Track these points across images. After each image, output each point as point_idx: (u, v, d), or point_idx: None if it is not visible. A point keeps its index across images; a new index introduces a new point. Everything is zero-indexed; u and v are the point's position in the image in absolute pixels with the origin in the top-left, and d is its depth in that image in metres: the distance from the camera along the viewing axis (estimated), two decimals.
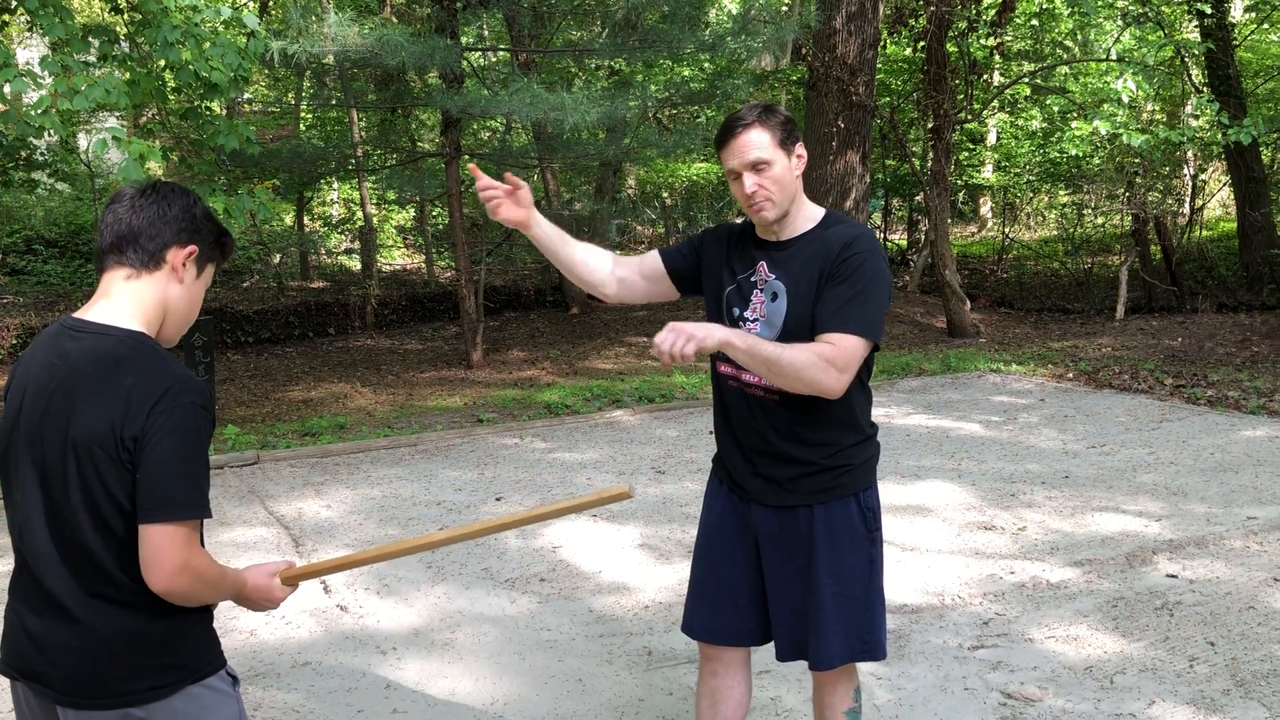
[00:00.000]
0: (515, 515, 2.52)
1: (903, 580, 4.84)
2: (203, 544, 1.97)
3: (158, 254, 2.00)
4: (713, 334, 2.42)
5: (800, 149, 2.63)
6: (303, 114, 17.25)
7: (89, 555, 1.91)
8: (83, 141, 16.73)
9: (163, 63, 6.84)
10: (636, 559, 5.22)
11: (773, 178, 2.58)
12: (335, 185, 18.25)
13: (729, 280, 2.76)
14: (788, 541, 2.69)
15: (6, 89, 5.60)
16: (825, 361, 2.47)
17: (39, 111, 5.58)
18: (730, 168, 2.62)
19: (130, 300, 1.99)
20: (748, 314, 2.68)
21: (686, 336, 2.37)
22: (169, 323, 2.05)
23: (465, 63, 11.40)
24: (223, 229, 2.12)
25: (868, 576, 2.69)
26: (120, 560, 1.91)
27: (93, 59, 6.83)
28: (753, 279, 2.70)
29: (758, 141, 2.57)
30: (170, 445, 1.86)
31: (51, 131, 5.73)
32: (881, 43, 14.25)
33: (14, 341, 11.51)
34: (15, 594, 2.03)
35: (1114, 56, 12.83)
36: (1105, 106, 11.82)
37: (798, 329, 2.59)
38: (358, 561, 2.42)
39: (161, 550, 1.85)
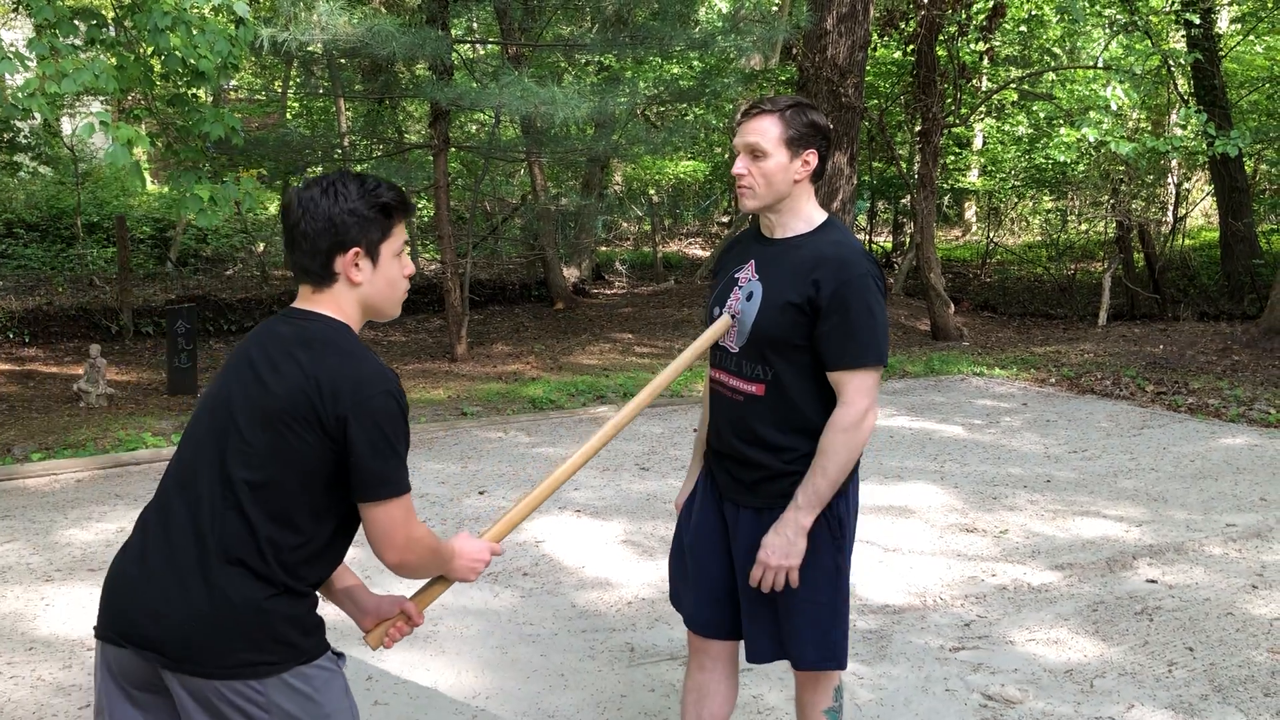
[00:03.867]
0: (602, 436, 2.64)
1: (885, 581, 4.86)
2: None
3: (327, 268, 2.09)
4: (795, 547, 2.58)
5: (810, 155, 2.60)
6: (290, 102, 17.17)
7: (246, 523, 1.97)
8: (66, 126, 16.61)
9: (151, 49, 6.79)
10: (620, 555, 5.22)
11: (763, 169, 2.58)
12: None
13: (723, 276, 2.76)
14: (753, 545, 2.69)
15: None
16: (850, 426, 2.53)
17: (26, 94, 5.53)
18: (735, 144, 2.64)
19: (323, 307, 2.11)
20: (726, 310, 2.69)
21: (785, 569, 2.58)
22: (375, 310, 2.16)
23: (455, 55, 11.36)
24: (381, 200, 2.11)
25: (833, 585, 2.66)
26: (272, 533, 1.98)
27: (80, 42, 6.77)
28: (737, 275, 2.71)
29: (764, 130, 2.57)
30: (380, 430, 1.98)
31: (37, 114, 5.68)
32: (872, 45, 14.28)
33: None
34: (131, 560, 2.04)
35: (1102, 64, 12.89)
36: (1092, 114, 11.87)
37: (759, 337, 2.60)
38: (542, 497, 2.50)
39: (391, 526, 2.01)
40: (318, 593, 2.15)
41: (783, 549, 2.56)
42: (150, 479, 6.52)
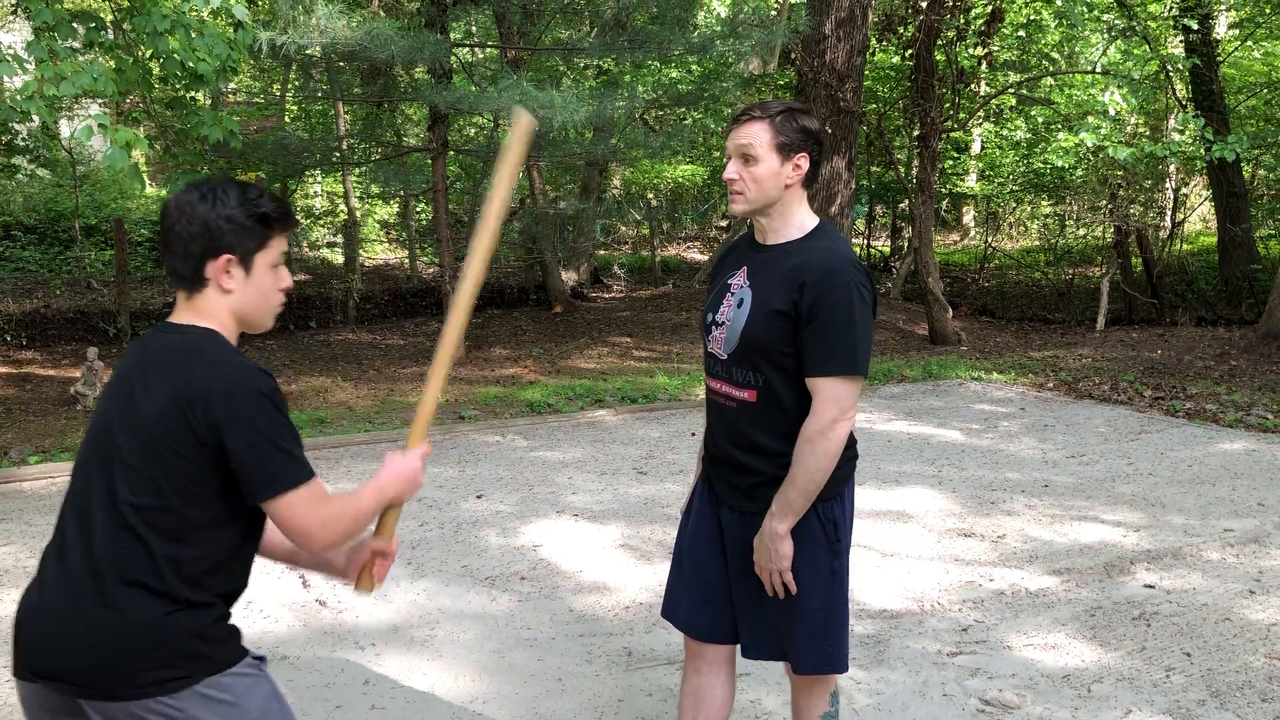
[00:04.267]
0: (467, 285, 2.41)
1: (882, 586, 4.86)
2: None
3: (198, 273, 2.08)
4: (776, 552, 2.60)
5: (801, 160, 2.60)
6: (288, 106, 17.16)
7: (142, 544, 1.97)
8: (64, 128, 16.60)
9: (149, 52, 6.79)
10: (617, 559, 5.22)
11: (754, 174, 2.59)
12: (319, 178, 18.17)
13: (718, 281, 2.77)
14: (746, 546, 2.69)
15: None
16: (814, 435, 2.53)
17: (24, 97, 5.53)
18: (727, 148, 2.66)
19: (195, 315, 2.10)
20: (718, 317, 2.70)
21: (774, 571, 2.61)
22: (246, 320, 2.15)
23: (454, 58, 11.37)
24: (260, 210, 2.09)
25: (829, 588, 2.67)
26: (169, 550, 1.98)
27: (78, 45, 6.77)
28: (730, 282, 2.71)
29: (755, 134, 2.59)
30: (256, 429, 1.98)
31: (36, 117, 5.67)
32: (870, 50, 14.30)
33: None
34: (33, 595, 2.05)
35: (1100, 69, 12.91)
36: (1090, 119, 11.89)
37: (748, 344, 2.60)
38: (439, 379, 2.38)
39: (297, 517, 2.00)
40: (302, 568, 2.20)
41: (765, 555, 2.60)
42: None
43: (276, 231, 2.12)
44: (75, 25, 6.58)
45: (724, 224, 24.07)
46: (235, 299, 2.10)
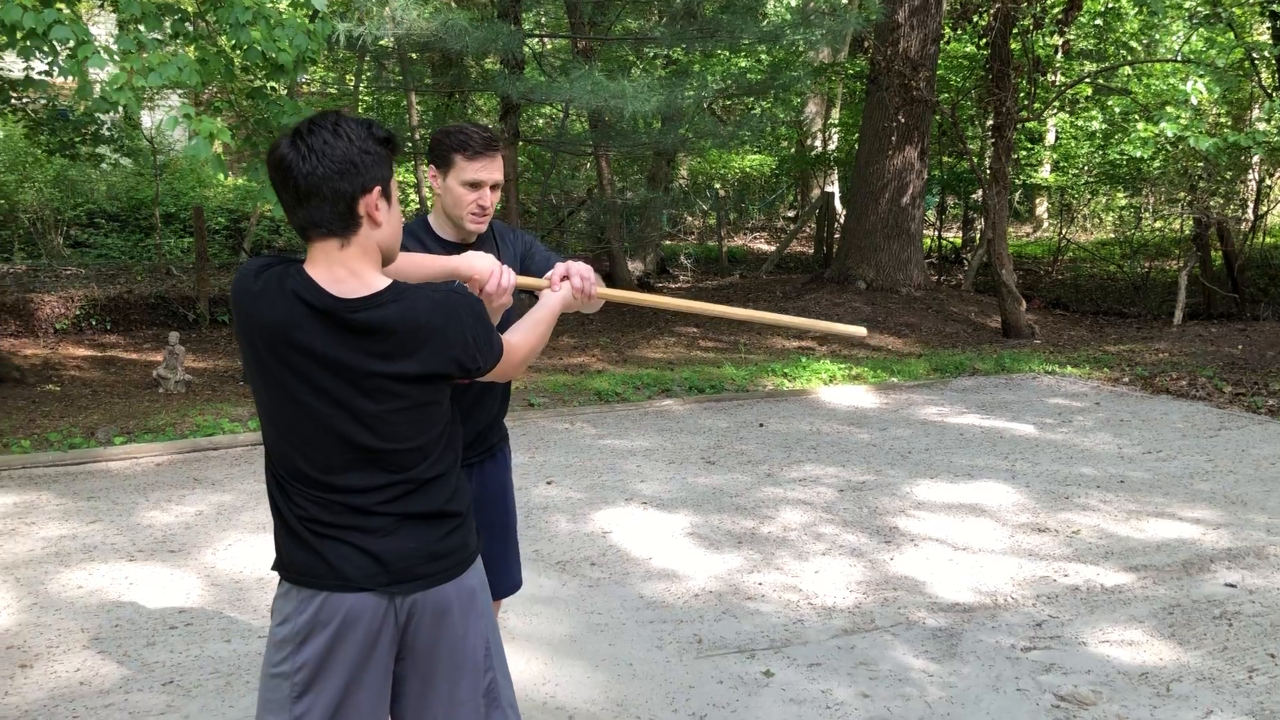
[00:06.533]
0: (764, 315, 2.87)
1: (955, 579, 4.82)
2: None
3: (351, 213, 2.03)
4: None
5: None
6: (361, 96, 17.39)
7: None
8: (145, 119, 17.00)
9: (231, 42, 6.92)
10: (686, 547, 5.24)
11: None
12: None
13: None
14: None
15: (87, 67, 5.70)
16: None
17: (115, 88, 5.68)
18: (479, 179, 2.76)
19: (357, 260, 2.06)
20: None
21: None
22: (389, 253, 2.13)
23: (525, 48, 11.44)
24: (383, 134, 2.08)
25: None
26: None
27: (163, 37, 6.92)
28: None
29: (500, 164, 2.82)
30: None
31: (125, 107, 5.82)
32: (944, 38, 14.11)
33: (77, 312, 11.72)
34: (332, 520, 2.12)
35: (1181, 58, 12.60)
36: (1169, 108, 11.61)
37: None
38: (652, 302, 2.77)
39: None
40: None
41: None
42: (227, 464, 6.68)
43: (394, 155, 2.12)
44: (161, 17, 6.73)
45: (791, 214, 23.94)
46: (384, 232, 2.08)
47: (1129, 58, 16.59)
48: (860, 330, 2.90)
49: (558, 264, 2.63)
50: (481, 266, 2.46)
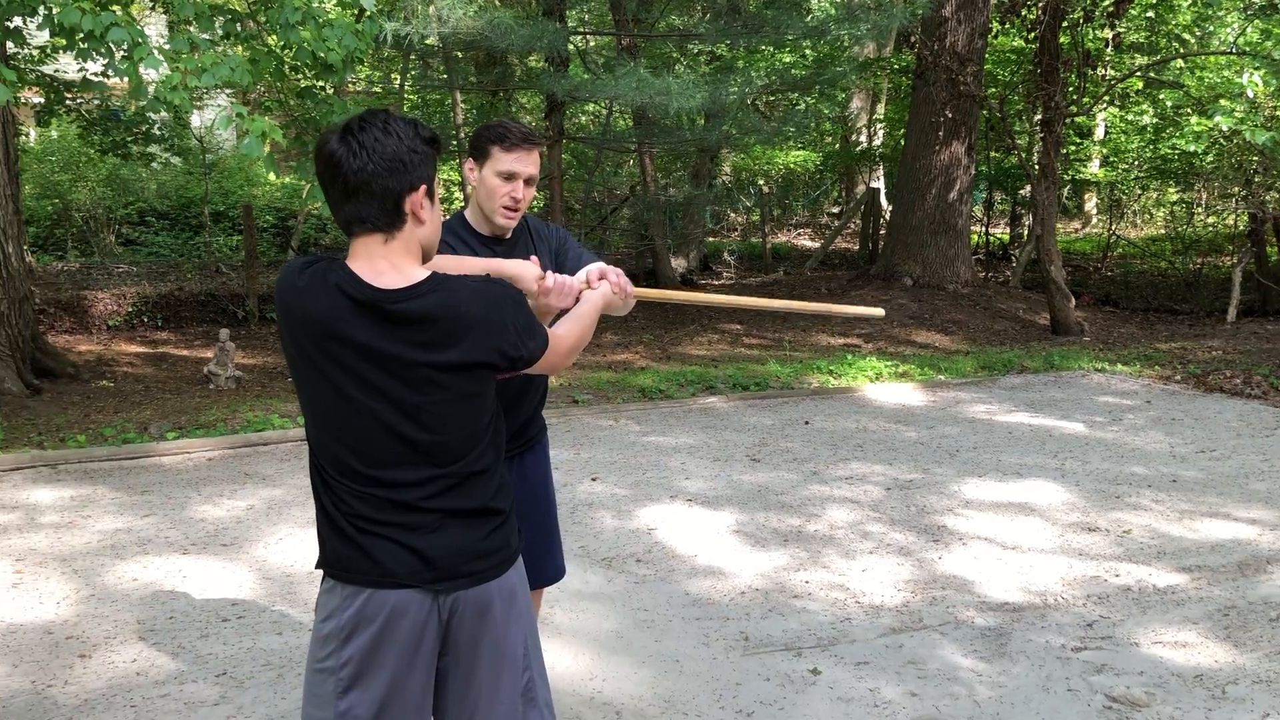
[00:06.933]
0: (780, 302, 3.03)
1: (1004, 578, 4.78)
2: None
3: (398, 210, 2.06)
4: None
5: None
6: (406, 94, 17.53)
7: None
8: (195, 118, 17.24)
9: (280, 42, 7.01)
10: (732, 544, 5.23)
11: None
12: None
13: None
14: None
15: (141, 68, 5.80)
16: None
17: (169, 88, 5.77)
18: (514, 171, 2.80)
19: (399, 255, 2.08)
20: None
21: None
22: (429, 250, 2.17)
23: (569, 46, 11.47)
24: (429, 134, 2.11)
25: None
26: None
27: (214, 37, 7.02)
28: None
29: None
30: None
31: (177, 107, 5.92)
32: (992, 32, 13.97)
33: (130, 309, 11.93)
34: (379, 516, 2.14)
35: (1237, 50, 12.37)
36: (1223, 101, 11.40)
37: None
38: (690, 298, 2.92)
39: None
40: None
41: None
42: (278, 459, 6.76)
43: (437, 155, 2.15)
44: (213, 18, 6.83)
45: (835, 210, 23.81)
46: (426, 230, 2.11)
47: (1182, 50, 16.31)
48: (878, 311, 3.01)
49: (591, 265, 2.68)
50: (527, 273, 2.47)
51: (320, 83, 7.86)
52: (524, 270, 2.48)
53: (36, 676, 3.79)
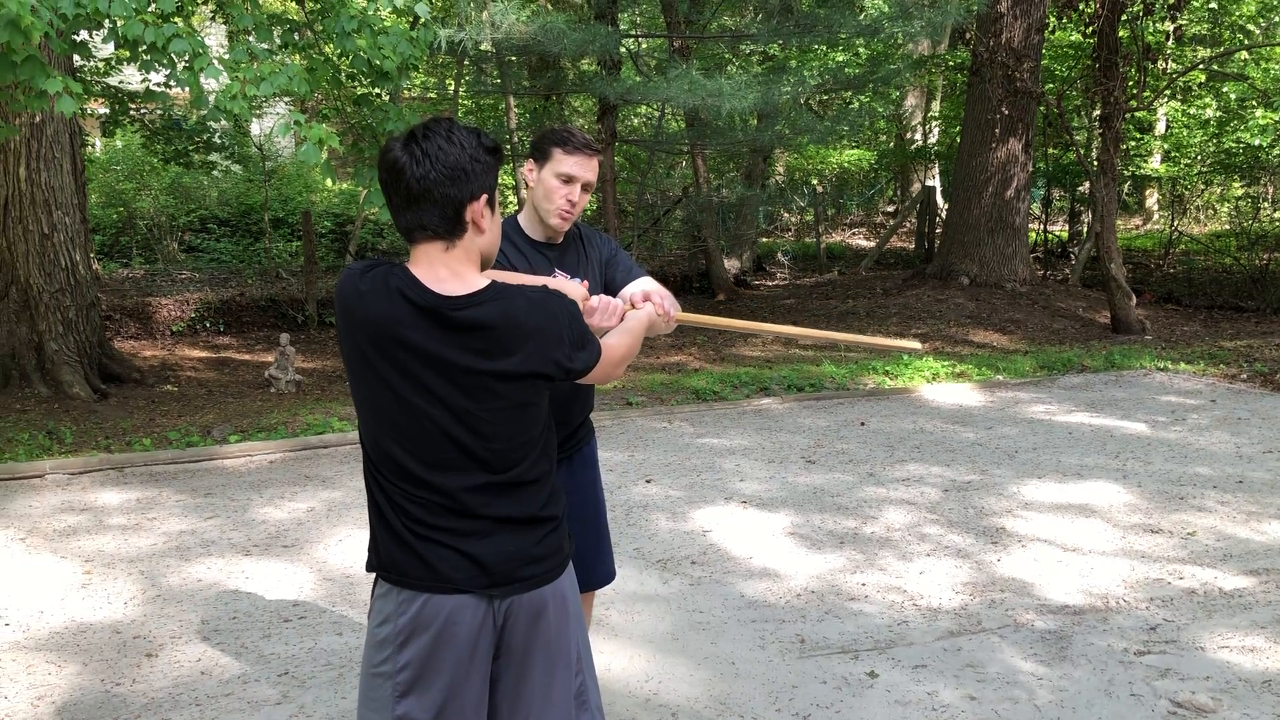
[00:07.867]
0: (818, 332, 3.22)
1: (1064, 581, 4.71)
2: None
3: (459, 218, 2.08)
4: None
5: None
6: (460, 100, 17.69)
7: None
8: (254, 126, 17.53)
9: (337, 51, 7.12)
10: (787, 546, 5.21)
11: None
12: None
13: None
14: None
15: (201, 78, 5.91)
16: None
17: (229, 97, 5.88)
18: (573, 174, 2.86)
19: (460, 263, 2.11)
20: None
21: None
22: (488, 259, 2.19)
23: (621, 49, 11.50)
24: (491, 144, 2.12)
25: None
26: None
27: (272, 47, 7.14)
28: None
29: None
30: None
31: (237, 115, 6.03)
32: (1049, 27, 13.77)
33: (192, 314, 12.16)
34: (436, 522, 2.16)
35: None
36: None
37: None
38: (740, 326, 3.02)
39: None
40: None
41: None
42: (337, 461, 6.86)
43: (499, 165, 2.16)
44: (271, 28, 6.95)
45: (890, 209, 23.61)
46: (486, 238, 2.13)
47: (1246, 42, 15.96)
48: (916, 345, 3.14)
49: (635, 287, 2.76)
50: (573, 294, 2.50)
51: (376, 90, 7.95)
52: (571, 291, 2.52)
53: (105, 675, 3.88)
